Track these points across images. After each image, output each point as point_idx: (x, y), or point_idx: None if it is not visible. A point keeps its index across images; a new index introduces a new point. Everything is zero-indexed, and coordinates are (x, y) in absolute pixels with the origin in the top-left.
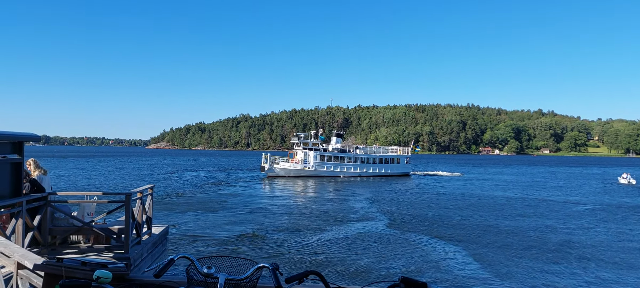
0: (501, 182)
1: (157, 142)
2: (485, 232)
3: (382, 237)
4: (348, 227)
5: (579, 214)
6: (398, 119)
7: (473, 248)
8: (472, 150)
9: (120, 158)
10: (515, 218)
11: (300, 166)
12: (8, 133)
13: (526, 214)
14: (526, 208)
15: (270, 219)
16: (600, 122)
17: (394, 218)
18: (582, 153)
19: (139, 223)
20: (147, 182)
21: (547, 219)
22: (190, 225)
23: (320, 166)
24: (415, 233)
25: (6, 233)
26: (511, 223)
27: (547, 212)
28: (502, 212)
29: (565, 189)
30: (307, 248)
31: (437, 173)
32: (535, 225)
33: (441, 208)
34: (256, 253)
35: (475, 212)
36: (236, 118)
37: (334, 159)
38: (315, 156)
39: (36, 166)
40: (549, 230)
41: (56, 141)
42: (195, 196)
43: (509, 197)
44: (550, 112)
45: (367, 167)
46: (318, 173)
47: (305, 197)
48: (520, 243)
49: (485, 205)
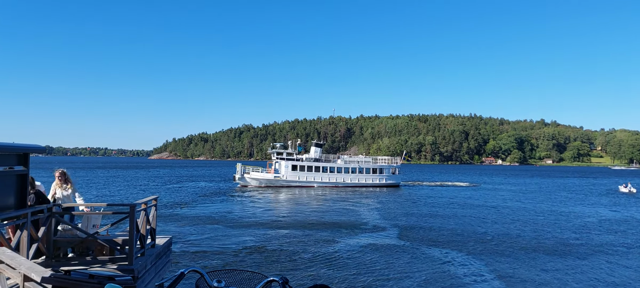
0: (513, 192)
1: (160, 153)
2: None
3: (366, 250)
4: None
5: (589, 225)
6: (400, 129)
7: (492, 261)
8: (475, 161)
9: (123, 170)
10: (528, 229)
11: (271, 176)
12: (13, 145)
13: (543, 225)
14: (542, 218)
15: (269, 230)
16: (603, 132)
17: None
18: (585, 164)
19: (142, 235)
20: (150, 192)
21: (566, 231)
22: (193, 236)
23: (292, 176)
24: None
25: (11, 245)
26: (524, 233)
27: (563, 223)
28: (515, 224)
29: (574, 200)
30: (309, 258)
31: (448, 184)
32: (555, 237)
33: (437, 219)
34: (262, 266)
35: (486, 224)
36: (239, 128)
37: (307, 169)
38: (287, 166)
39: (63, 180)
40: (567, 242)
41: (59, 152)
42: (197, 206)
43: (523, 208)
44: (553, 122)
45: (345, 177)
46: (290, 183)
47: (295, 207)
48: (543, 257)
49: (493, 216)
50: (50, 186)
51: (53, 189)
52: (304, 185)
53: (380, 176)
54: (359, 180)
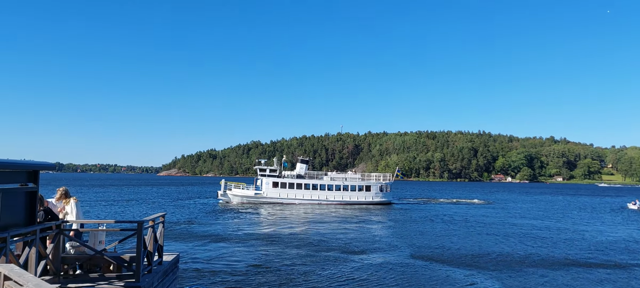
0: (528, 210)
1: (169, 169)
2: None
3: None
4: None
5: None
6: (409, 145)
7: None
8: (484, 178)
9: (132, 187)
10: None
11: (252, 193)
12: (23, 162)
13: (557, 242)
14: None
15: (274, 247)
16: (614, 149)
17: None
18: (596, 181)
19: (150, 252)
20: (157, 209)
21: (585, 251)
22: (200, 254)
23: (273, 193)
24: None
25: (19, 261)
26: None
27: (581, 241)
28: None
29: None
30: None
31: (453, 201)
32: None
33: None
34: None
35: (501, 242)
36: (247, 144)
37: (289, 186)
38: (268, 183)
39: (62, 195)
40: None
41: (69, 168)
42: (204, 223)
43: (542, 227)
44: (563, 139)
45: (328, 195)
46: (271, 200)
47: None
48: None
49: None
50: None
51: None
52: (286, 203)
53: (367, 193)
54: (343, 198)
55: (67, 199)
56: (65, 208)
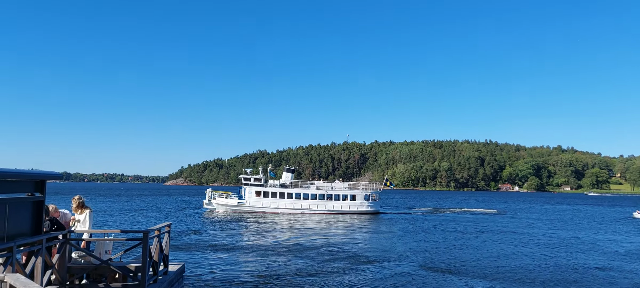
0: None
1: (175, 179)
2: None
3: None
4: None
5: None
6: (415, 155)
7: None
8: (491, 187)
9: (139, 196)
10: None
11: (235, 202)
12: (30, 172)
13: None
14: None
15: (279, 257)
16: (622, 158)
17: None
18: (604, 191)
19: (155, 262)
20: (164, 218)
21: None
22: (205, 263)
23: (256, 203)
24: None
25: (26, 271)
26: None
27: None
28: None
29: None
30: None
31: (474, 210)
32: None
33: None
34: None
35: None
36: (253, 154)
37: (272, 195)
38: (250, 192)
39: (78, 205)
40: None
41: (76, 178)
42: (208, 233)
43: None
44: (570, 148)
45: (311, 204)
46: (254, 209)
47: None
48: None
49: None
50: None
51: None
52: (267, 212)
53: (352, 203)
54: (327, 207)
55: (83, 209)
56: (77, 217)
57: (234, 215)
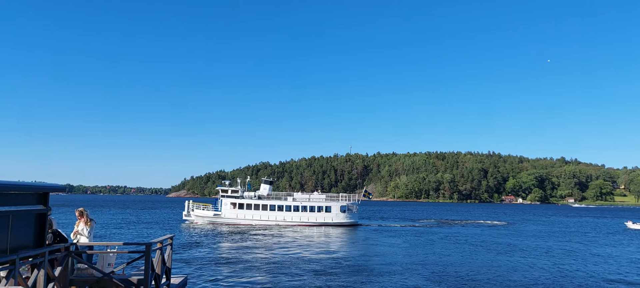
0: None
1: (178, 191)
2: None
3: None
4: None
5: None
6: (418, 166)
7: None
8: (494, 199)
9: (141, 209)
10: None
11: (211, 214)
12: (34, 184)
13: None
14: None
15: (279, 270)
16: (626, 170)
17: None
18: (608, 203)
19: (158, 274)
20: (166, 231)
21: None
22: (208, 276)
23: (232, 215)
24: None
25: (28, 284)
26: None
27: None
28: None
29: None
30: None
31: (481, 222)
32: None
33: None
34: None
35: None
36: (256, 166)
37: (247, 207)
38: (226, 204)
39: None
40: None
41: (79, 190)
42: (208, 245)
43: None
44: (574, 160)
45: (285, 216)
46: (230, 222)
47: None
48: None
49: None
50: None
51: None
52: (242, 224)
53: (328, 215)
54: (302, 219)
55: (87, 221)
56: (77, 228)
57: (212, 227)
